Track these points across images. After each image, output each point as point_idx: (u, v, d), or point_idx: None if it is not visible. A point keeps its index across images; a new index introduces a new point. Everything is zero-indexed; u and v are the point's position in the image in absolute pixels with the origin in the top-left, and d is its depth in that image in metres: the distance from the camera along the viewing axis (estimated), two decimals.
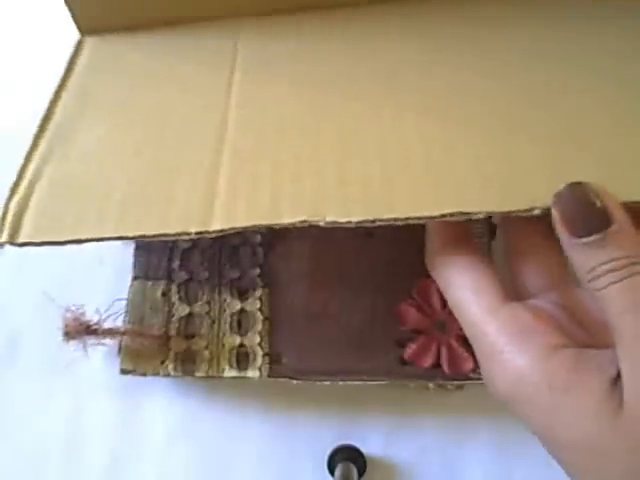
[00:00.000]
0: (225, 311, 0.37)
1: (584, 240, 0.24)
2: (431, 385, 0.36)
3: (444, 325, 0.36)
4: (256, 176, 0.29)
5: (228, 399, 0.39)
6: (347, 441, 0.37)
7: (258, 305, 0.37)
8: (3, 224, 0.30)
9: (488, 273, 0.28)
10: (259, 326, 0.37)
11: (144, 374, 0.36)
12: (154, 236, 0.28)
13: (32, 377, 0.40)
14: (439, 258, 0.29)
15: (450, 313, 0.36)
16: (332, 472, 0.36)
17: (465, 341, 0.35)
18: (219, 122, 0.32)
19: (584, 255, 0.24)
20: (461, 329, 0.35)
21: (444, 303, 0.36)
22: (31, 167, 0.32)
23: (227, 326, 0.37)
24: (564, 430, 0.24)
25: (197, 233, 0.28)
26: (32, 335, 0.40)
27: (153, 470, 0.38)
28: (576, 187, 0.25)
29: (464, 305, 0.27)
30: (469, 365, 0.35)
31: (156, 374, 0.36)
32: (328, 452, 0.37)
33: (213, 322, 0.37)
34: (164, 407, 0.39)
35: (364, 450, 0.37)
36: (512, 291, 0.29)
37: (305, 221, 0.27)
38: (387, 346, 0.36)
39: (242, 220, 0.28)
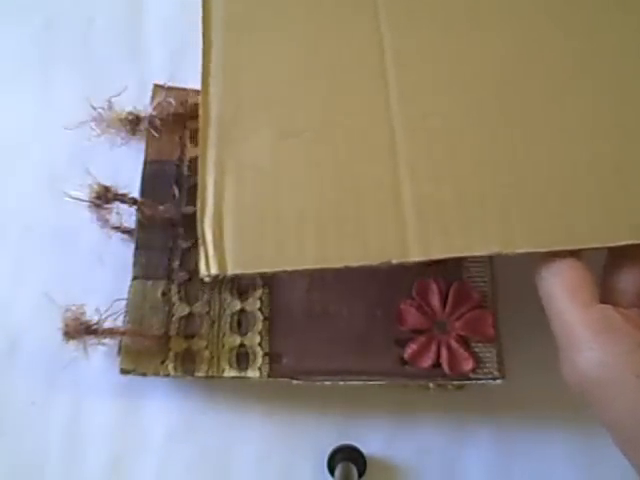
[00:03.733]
0: (225, 311, 0.37)
1: None
2: (431, 385, 0.37)
3: (444, 325, 0.36)
4: (440, 201, 0.29)
5: (228, 399, 0.39)
6: (347, 441, 0.37)
7: (258, 305, 0.37)
8: (206, 254, 0.30)
9: (586, 275, 0.29)
10: (259, 326, 0.37)
11: (144, 374, 0.36)
12: (357, 267, 0.29)
13: (32, 377, 0.40)
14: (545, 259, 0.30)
15: (450, 313, 0.36)
16: (332, 472, 0.36)
17: (465, 341, 0.35)
18: (388, 132, 0.31)
19: None
20: (461, 329, 0.36)
21: (444, 303, 0.36)
22: (209, 181, 0.32)
23: (227, 326, 0.37)
24: None
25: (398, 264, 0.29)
26: (32, 335, 0.40)
27: (153, 470, 0.38)
28: None
29: (558, 295, 0.28)
30: (469, 365, 0.35)
31: (156, 374, 0.36)
32: (328, 452, 0.37)
33: (213, 322, 0.37)
34: (164, 407, 0.39)
35: (364, 450, 0.37)
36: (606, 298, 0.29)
37: (498, 253, 0.28)
38: (387, 346, 0.36)
39: (438, 251, 0.29)
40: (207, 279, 0.31)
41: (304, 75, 0.33)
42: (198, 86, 0.34)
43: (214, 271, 0.30)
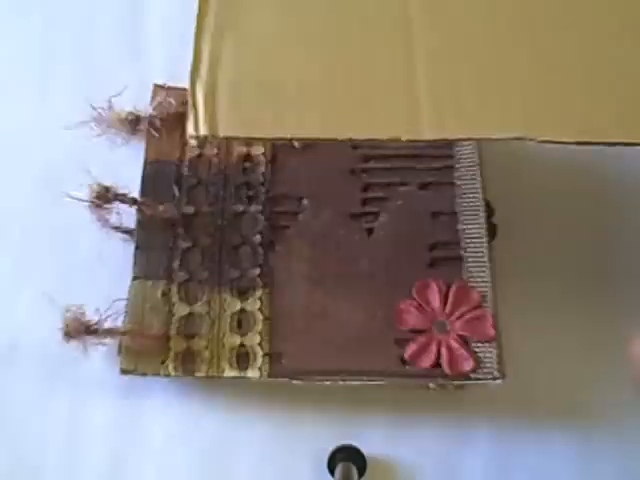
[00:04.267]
0: (225, 311, 0.37)
1: None
2: (431, 385, 0.37)
3: (444, 325, 0.36)
4: (458, 82, 0.27)
5: (228, 399, 0.39)
6: (347, 441, 0.37)
7: (258, 305, 0.37)
8: (196, 114, 0.27)
9: None
10: (259, 326, 0.37)
11: (144, 374, 0.36)
12: (364, 140, 0.27)
13: (32, 377, 0.40)
14: None
15: (450, 313, 0.36)
16: (332, 472, 0.36)
17: (465, 341, 0.35)
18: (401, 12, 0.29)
19: None
20: (461, 329, 0.36)
21: (444, 303, 0.36)
22: (205, 43, 0.29)
23: (227, 326, 0.37)
24: None
25: (409, 141, 0.26)
26: (32, 335, 0.40)
27: (153, 470, 0.38)
28: None
29: None
30: (469, 365, 0.35)
31: (156, 374, 0.36)
32: (328, 452, 0.37)
33: (213, 322, 0.37)
34: (164, 407, 0.39)
35: (364, 450, 0.37)
36: None
37: (520, 138, 0.26)
38: (387, 346, 0.36)
39: (453, 131, 0.26)
40: (193, 141, 0.28)
41: None
42: None
43: (203, 132, 0.27)
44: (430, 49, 0.28)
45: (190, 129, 0.27)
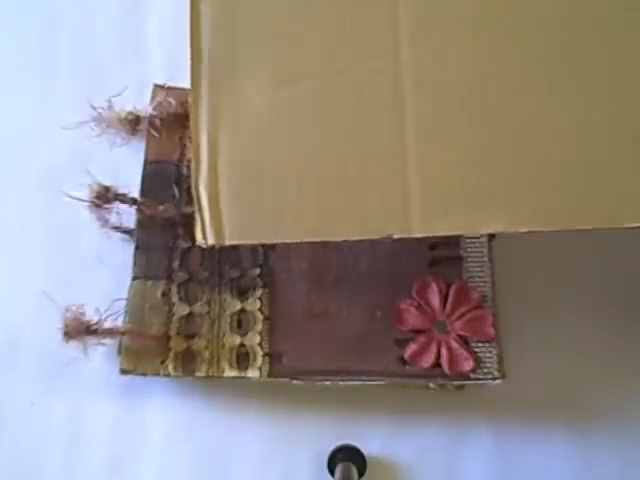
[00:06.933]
0: (225, 311, 0.37)
1: None
2: (431, 385, 0.37)
3: (444, 325, 0.36)
4: (446, 166, 0.27)
5: (228, 399, 0.39)
6: (347, 441, 0.37)
7: (258, 305, 0.37)
8: (202, 222, 0.28)
9: None
10: (259, 326, 0.37)
11: (144, 374, 0.36)
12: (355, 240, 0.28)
13: (32, 377, 0.40)
14: None
15: (450, 313, 0.36)
16: (332, 472, 0.36)
17: (465, 341, 0.35)
18: (395, 97, 0.28)
19: None
20: (461, 329, 0.36)
21: (444, 303, 0.36)
22: (203, 135, 0.29)
23: (227, 326, 0.37)
24: None
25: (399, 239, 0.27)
26: (32, 335, 0.40)
27: (153, 470, 0.38)
28: None
29: None
30: (469, 365, 0.35)
31: (156, 374, 0.36)
32: (328, 452, 0.37)
33: (213, 322, 0.37)
34: (164, 407, 0.39)
35: (364, 450, 0.37)
36: None
37: (503, 232, 0.26)
38: (387, 346, 0.36)
39: (441, 228, 0.27)
40: (204, 246, 0.29)
41: (305, 4, 0.30)
42: None
43: (211, 241, 0.29)
44: (422, 123, 0.28)
45: (199, 237, 0.29)
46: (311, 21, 0.30)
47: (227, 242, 0.29)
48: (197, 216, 0.29)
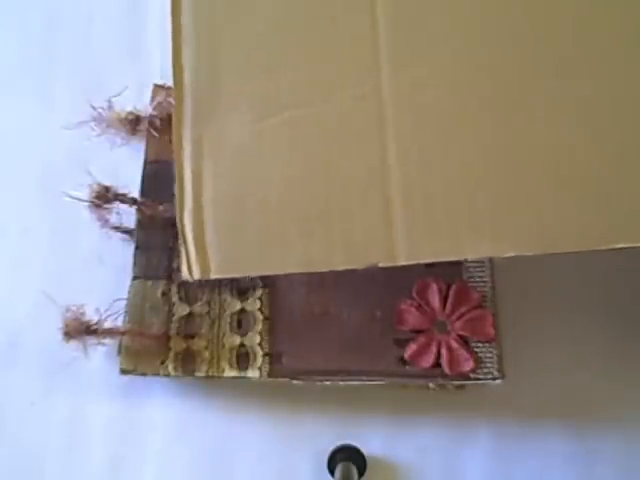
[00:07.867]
0: (225, 311, 0.37)
1: None
2: (431, 385, 0.37)
3: (444, 325, 0.36)
4: (429, 193, 0.27)
5: (228, 399, 0.39)
6: (347, 441, 0.37)
7: (258, 305, 0.37)
8: (188, 256, 0.29)
9: None
10: (259, 326, 0.37)
11: (144, 374, 0.36)
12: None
13: (32, 377, 0.40)
14: None
15: (450, 313, 0.36)
16: (332, 472, 0.36)
17: (465, 341, 0.35)
18: (377, 117, 0.28)
19: None
20: (461, 329, 0.36)
21: (444, 303, 0.36)
22: (186, 168, 0.30)
23: (227, 326, 0.37)
24: None
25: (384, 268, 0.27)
26: (32, 335, 0.40)
27: (153, 470, 0.38)
28: None
29: None
30: (469, 365, 0.35)
31: (156, 374, 0.36)
32: (328, 452, 0.37)
33: (213, 322, 0.37)
34: (164, 407, 0.39)
35: (364, 450, 0.37)
36: None
37: (490, 255, 0.27)
38: (387, 346, 0.36)
39: (426, 255, 0.27)
40: (190, 280, 0.30)
41: (283, 30, 0.29)
42: None
43: (197, 276, 0.29)
44: (403, 150, 0.28)
45: (184, 271, 0.29)
46: (292, 52, 0.29)
47: (213, 276, 0.29)
48: (182, 250, 0.29)
